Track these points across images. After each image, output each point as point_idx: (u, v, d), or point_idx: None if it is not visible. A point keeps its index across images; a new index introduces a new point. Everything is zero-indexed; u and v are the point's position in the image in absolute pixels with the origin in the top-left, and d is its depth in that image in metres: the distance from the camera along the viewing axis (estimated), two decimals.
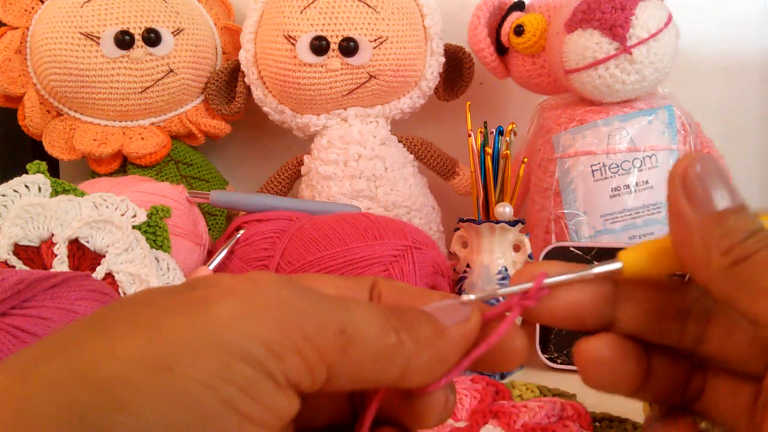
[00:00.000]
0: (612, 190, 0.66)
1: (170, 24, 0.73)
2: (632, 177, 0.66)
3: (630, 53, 0.63)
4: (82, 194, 0.55)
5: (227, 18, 0.82)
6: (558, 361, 0.58)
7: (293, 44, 0.70)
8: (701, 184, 0.23)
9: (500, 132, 0.63)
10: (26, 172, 0.55)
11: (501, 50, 0.73)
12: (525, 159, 0.67)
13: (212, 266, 0.61)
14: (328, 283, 0.24)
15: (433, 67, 0.74)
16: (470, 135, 0.63)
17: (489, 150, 0.62)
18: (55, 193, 0.55)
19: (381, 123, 0.75)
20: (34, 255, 0.52)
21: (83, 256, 0.52)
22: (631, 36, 0.63)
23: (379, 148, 0.73)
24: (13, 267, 0.50)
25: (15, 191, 0.53)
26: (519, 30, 0.70)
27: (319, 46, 0.69)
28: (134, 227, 0.55)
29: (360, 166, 0.71)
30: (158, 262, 0.56)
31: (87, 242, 0.53)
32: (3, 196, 0.52)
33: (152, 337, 0.18)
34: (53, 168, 0.85)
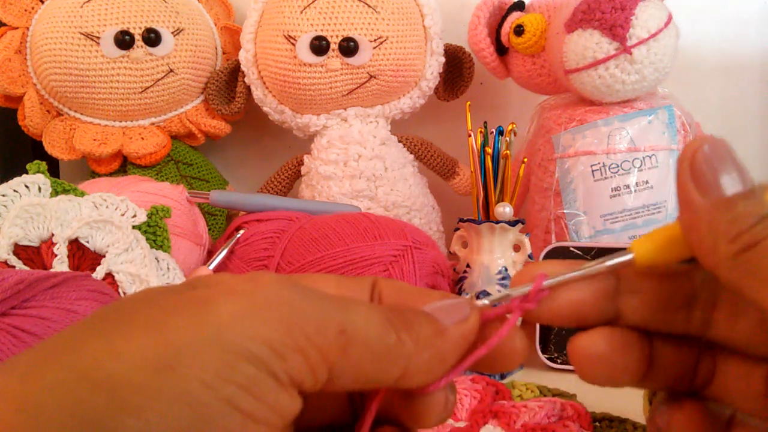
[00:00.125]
0: (612, 190, 0.66)
1: (170, 24, 0.73)
2: (632, 177, 0.66)
3: (630, 53, 0.63)
4: (82, 194, 0.55)
5: (227, 18, 0.82)
6: (558, 361, 0.58)
7: (293, 44, 0.70)
8: (709, 169, 0.22)
9: (500, 132, 0.63)
10: (26, 172, 0.55)
11: (501, 50, 0.73)
12: (525, 159, 0.67)
13: (212, 266, 0.61)
14: (329, 283, 0.24)
15: (433, 67, 0.74)
16: (470, 135, 0.63)
17: (489, 150, 0.62)
18: (55, 193, 0.55)
19: (381, 123, 0.75)
20: (34, 255, 0.52)
21: (83, 256, 0.52)
22: (631, 36, 0.63)
23: (379, 148, 0.73)
24: (13, 267, 0.50)
25: (15, 191, 0.53)
26: (519, 30, 0.70)
27: (319, 46, 0.69)
28: (134, 227, 0.55)
29: (360, 166, 0.71)
30: (158, 262, 0.56)
31: (87, 242, 0.53)
32: (3, 196, 0.52)
33: (154, 338, 0.18)
34: (53, 168, 0.85)
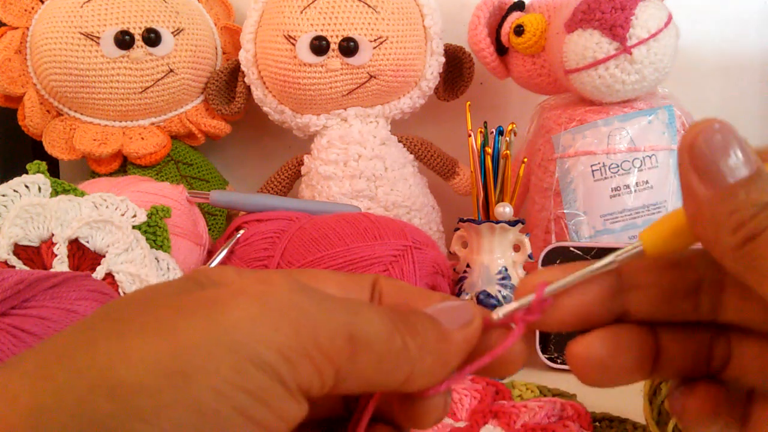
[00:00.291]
0: (612, 190, 0.66)
1: (170, 24, 0.73)
2: (632, 177, 0.66)
3: (630, 53, 0.63)
4: (82, 194, 0.55)
5: (227, 18, 0.82)
6: (558, 361, 0.58)
7: (293, 44, 0.70)
8: (710, 156, 0.21)
9: (500, 132, 0.63)
10: (26, 172, 0.55)
11: (501, 50, 0.73)
12: (525, 159, 0.67)
13: (212, 266, 0.61)
14: (331, 280, 0.24)
15: (433, 67, 0.74)
16: (470, 135, 0.63)
17: (489, 150, 0.62)
18: (55, 193, 0.55)
19: (381, 123, 0.75)
20: (34, 255, 0.52)
21: (83, 256, 0.52)
22: (631, 36, 0.63)
23: (379, 148, 0.73)
24: (13, 267, 0.50)
25: (15, 191, 0.53)
26: (519, 30, 0.70)
27: (319, 46, 0.69)
28: (134, 227, 0.55)
29: (360, 166, 0.71)
30: (158, 262, 0.56)
31: (87, 242, 0.53)
32: (3, 196, 0.52)
33: (166, 342, 0.18)
34: (53, 168, 0.85)
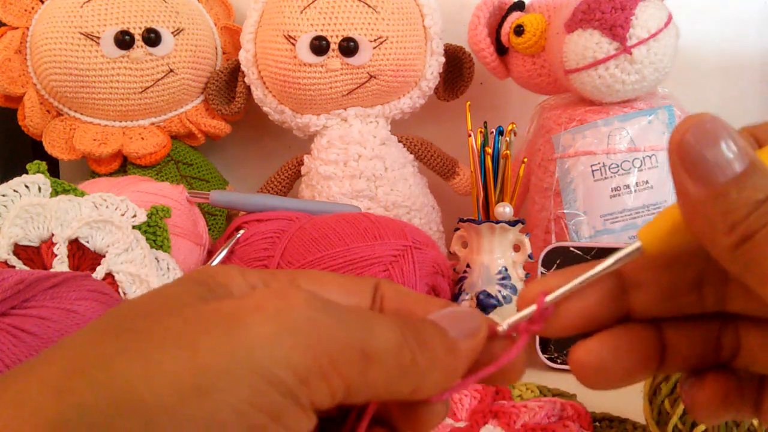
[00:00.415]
0: (612, 190, 0.66)
1: (170, 24, 0.73)
2: (632, 177, 0.66)
3: (630, 53, 0.63)
4: (82, 194, 0.55)
5: (227, 18, 0.82)
6: (558, 361, 0.58)
7: (293, 44, 0.70)
8: (700, 155, 0.20)
9: (500, 132, 0.63)
10: (26, 172, 0.55)
11: (501, 50, 0.73)
12: (525, 159, 0.67)
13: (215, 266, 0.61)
14: (333, 283, 0.24)
15: (433, 67, 0.74)
16: (470, 135, 0.63)
17: (489, 150, 0.62)
18: (55, 193, 0.55)
19: (381, 123, 0.75)
20: (34, 255, 0.52)
21: (83, 256, 0.52)
22: (631, 36, 0.63)
23: (379, 148, 0.73)
24: (13, 267, 0.50)
25: (15, 191, 0.53)
26: (519, 30, 0.70)
27: (319, 46, 0.69)
28: (134, 227, 0.55)
29: (360, 166, 0.71)
30: (158, 262, 0.56)
31: (87, 242, 0.53)
32: (3, 196, 0.52)
33: (186, 359, 0.18)
34: (53, 168, 0.85)
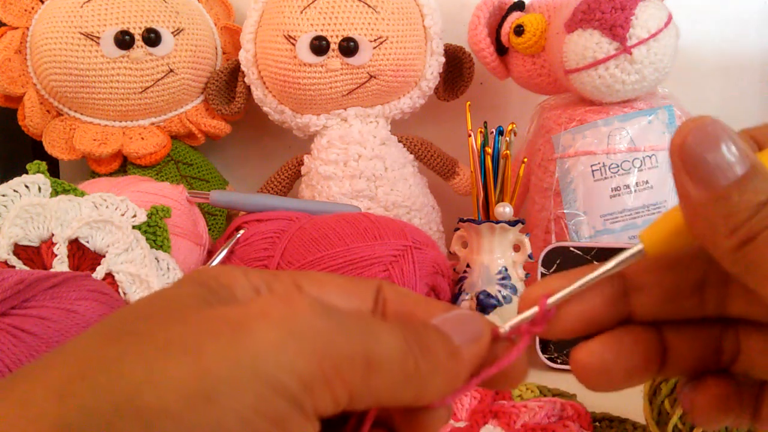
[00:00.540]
0: (612, 190, 0.66)
1: (170, 24, 0.73)
2: (632, 177, 0.66)
3: (630, 53, 0.63)
4: (82, 194, 0.55)
5: (227, 18, 0.82)
6: (558, 361, 0.58)
7: (293, 44, 0.70)
8: (701, 157, 0.21)
9: (500, 132, 0.63)
10: (26, 172, 0.55)
11: (501, 50, 0.73)
12: (525, 159, 0.67)
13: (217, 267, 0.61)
14: (335, 285, 0.24)
15: (433, 67, 0.74)
16: (470, 135, 0.63)
17: (489, 150, 0.62)
18: (55, 193, 0.55)
19: (381, 123, 0.75)
20: (34, 255, 0.52)
21: (83, 256, 0.52)
22: (631, 36, 0.63)
23: (379, 148, 0.73)
24: (13, 267, 0.50)
25: (15, 191, 0.53)
26: (519, 30, 0.70)
27: (319, 46, 0.69)
28: (134, 227, 0.55)
29: (360, 166, 0.71)
30: (158, 262, 0.56)
31: (87, 242, 0.53)
32: (3, 196, 0.52)
33: (191, 365, 0.18)
34: (53, 168, 0.85)
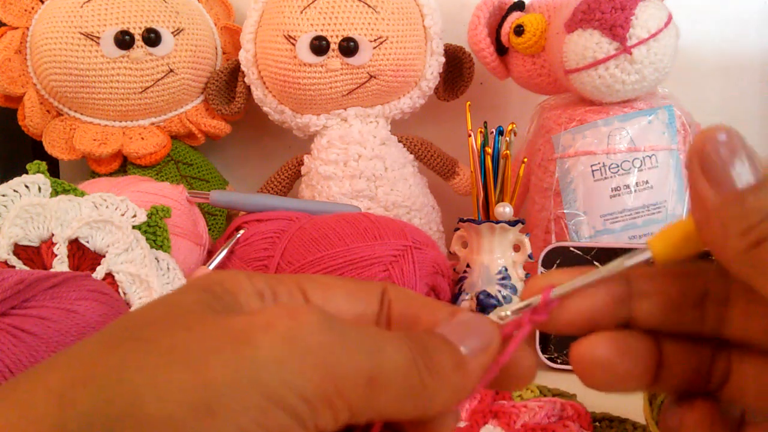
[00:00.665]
0: (612, 190, 0.66)
1: (170, 24, 0.73)
2: (632, 177, 0.66)
3: (630, 53, 0.63)
4: (82, 194, 0.55)
5: (227, 18, 0.82)
6: (558, 361, 0.58)
7: (293, 44, 0.70)
8: (719, 162, 0.21)
9: (500, 132, 0.63)
10: (26, 172, 0.55)
11: (501, 50, 0.73)
12: (525, 159, 0.67)
13: (212, 266, 0.61)
14: (340, 288, 0.24)
15: (433, 67, 0.74)
16: (470, 135, 0.63)
17: (489, 150, 0.62)
18: (55, 193, 0.54)
19: (381, 123, 0.75)
20: (34, 255, 0.52)
21: (83, 256, 0.52)
22: (631, 36, 0.63)
23: (379, 148, 0.73)
24: (13, 267, 0.50)
25: (15, 191, 0.53)
26: (519, 30, 0.70)
27: (319, 46, 0.69)
28: (134, 227, 0.55)
29: (360, 166, 0.71)
30: (158, 262, 0.56)
31: (87, 242, 0.53)
32: (3, 196, 0.52)
33: (195, 376, 0.18)
34: (53, 168, 0.85)
